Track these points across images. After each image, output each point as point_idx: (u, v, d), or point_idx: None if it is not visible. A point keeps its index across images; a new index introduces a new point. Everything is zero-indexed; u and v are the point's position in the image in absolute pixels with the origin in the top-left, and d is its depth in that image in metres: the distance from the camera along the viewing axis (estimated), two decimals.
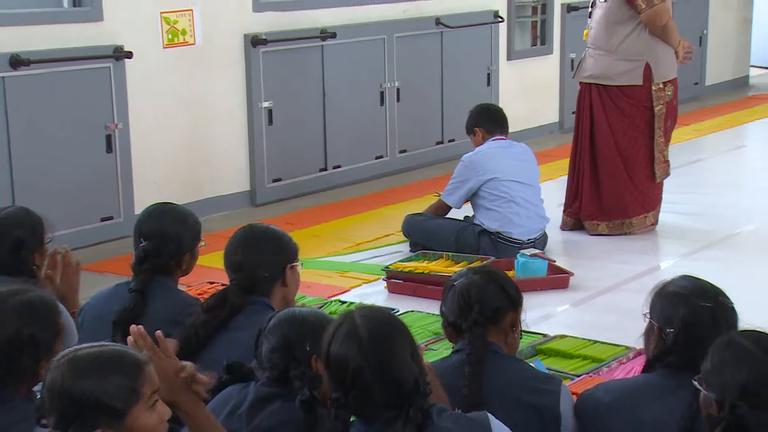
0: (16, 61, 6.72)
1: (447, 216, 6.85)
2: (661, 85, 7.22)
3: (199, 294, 5.27)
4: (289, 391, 3.08)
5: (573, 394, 3.43)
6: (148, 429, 2.56)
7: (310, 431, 2.92)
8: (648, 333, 3.26)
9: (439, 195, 6.83)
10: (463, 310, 3.31)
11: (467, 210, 6.79)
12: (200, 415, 2.98)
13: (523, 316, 3.46)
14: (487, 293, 3.34)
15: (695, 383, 2.72)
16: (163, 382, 2.74)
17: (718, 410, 2.62)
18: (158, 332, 3.00)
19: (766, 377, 2.62)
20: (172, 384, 2.88)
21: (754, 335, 2.75)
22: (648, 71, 7.18)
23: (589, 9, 7.46)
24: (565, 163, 7.65)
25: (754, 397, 2.60)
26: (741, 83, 13.76)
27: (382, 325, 2.81)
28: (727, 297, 3.24)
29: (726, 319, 3.16)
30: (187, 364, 2.99)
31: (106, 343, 2.71)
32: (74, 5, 7.23)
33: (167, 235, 4.05)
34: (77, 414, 2.51)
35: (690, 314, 3.14)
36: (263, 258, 3.85)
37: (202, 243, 4.20)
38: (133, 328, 2.98)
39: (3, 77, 6.71)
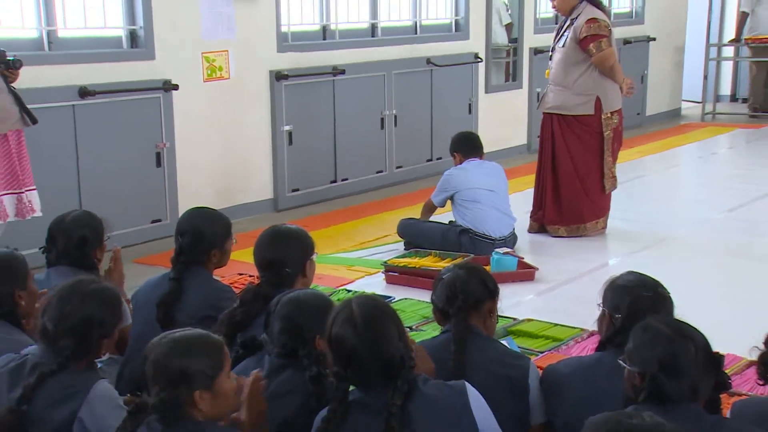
0: (84, 92, 6.73)
1: (434, 220, 6.86)
2: (609, 115, 7.22)
3: (231, 283, 5.27)
4: (297, 362, 3.10)
5: (538, 368, 3.46)
6: (228, 392, 2.73)
7: (318, 400, 2.94)
8: (600, 319, 3.30)
9: None
10: (450, 299, 3.34)
11: (450, 216, 6.78)
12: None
13: (498, 304, 3.46)
14: (470, 285, 3.37)
15: (620, 362, 2.76)
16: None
17: (640, 381, 2.66)
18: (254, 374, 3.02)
19: (678, 352, 2.65)
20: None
21: (666, 320, 2.84)
22: (598, 103, 7.18)
23: (550, 53, 7.47)
24: (531, 178, 7.64)
25: (669, 369, 2.63)
26: (674, 114, 13.76)
27: (374, 312, 2.84)
28: (664, 288, 3.28)
29: (664, 307, 3.19)
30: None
31: (191, 330, 2.81)
32: (131, 47, 7.25)
33: (200, 233, 4.06)
34: (180, 382, 2.59)
35: (634, 302, 3.18)
36: (287, 257, 3.83)
37: (233, 241, 4.19)
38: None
39: (73, 105, 6.71)
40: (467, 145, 6.85)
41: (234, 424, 2.88)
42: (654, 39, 12.88)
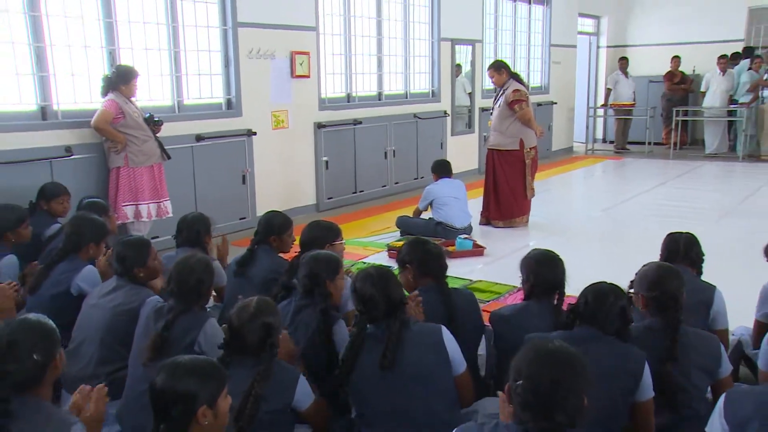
0: (199, 138, 6.76)
1: (420, 217, 6.85)
2: (528, 149, 7.27)
3: (290, 257, 5.24)
4: (313, 302, 3.12)
5: (485, 311, 3.44)
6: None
7: (325, 325, 3.00)
8: (523, 279, 3.26)
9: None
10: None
11: (429, 215, 6.75)
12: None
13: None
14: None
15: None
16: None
17: (570, 315, 2.74)
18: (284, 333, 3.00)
19: (600, 301, 2.64)
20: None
21: (609, 286, 2.76)
22: (521, 142, 7.22)
23: (491, 110, 7.51)
24: (480, 190, 7.65)
25: (590, 310, 2.66)
26: (569, 150, 13.72)
27: (383, 272, 2.86)
28: (560, 259, 3.26)
29: (562, 270, 3.21)
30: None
31: (259, 297, 2.80)
32: (228, 108, 7.23)
33: (267, 225, 4.07)
34: (267, 335, 2.63)
35: (539, 268, 3.19)
36: (314, 239, 3.84)
37: (293, 238, 4.16)
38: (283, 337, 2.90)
39: (192, 146, 6.75)
40: (441, 169, 6.86)
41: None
42: (555, 103, 12.86)
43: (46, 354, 2.29)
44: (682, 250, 3.50)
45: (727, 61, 12.04)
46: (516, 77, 7.32)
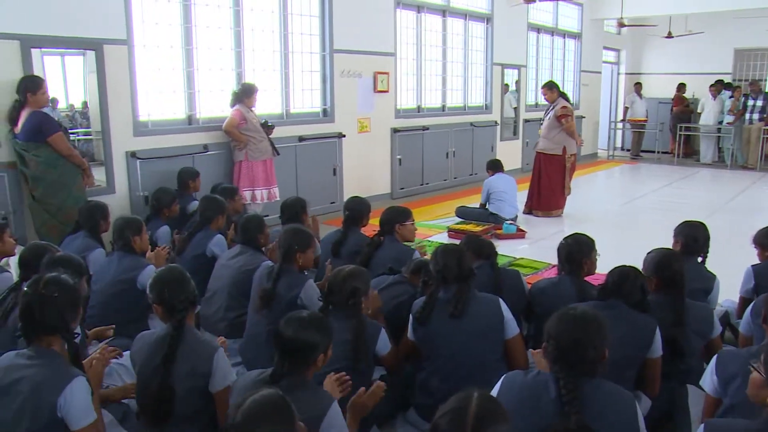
0: (301, 139, 6.86)
1: (476, 207, 6.72)
2: (569, 156, 7.12)
3: (371, 235, 5.28)
4: (408, 280, 3.13)
5: (528, 283, 3.40)
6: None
7: (422, 294, 2.92)
8: (559, 258, 3.17)
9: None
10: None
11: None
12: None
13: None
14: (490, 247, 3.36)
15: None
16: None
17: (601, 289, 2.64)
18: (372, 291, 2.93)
19: (624, 276, 2.58)
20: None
21: (631, 267, 2.67)
22: (564, 149, 7.06)
23: (542, 121, 7.32)
24: (527, 184, 7.51)
25: (616, 284, 2.59)
26: (594, 155, 13.29)
27: (459, 248, 2.81)
28: (591, 239, 3.14)
29: (581, 248, 3.09)
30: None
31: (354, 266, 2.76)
32: (324, 116, 7.30)
33: (353, 210, 4.03)
34: (352, 295, 2.60)
35: (561, 249, 3.11)
36: (387, 221, 3.80)
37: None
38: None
39: (296, 145, 6.84)
40: (495, 166, 6.74)
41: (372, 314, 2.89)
42: (584, 117, 12.45)
43: (194, 288, 2.39)
44: (701, 241, 3.37)
45: (716, 89, 12.04)
46: (564, 96, 7.13)
